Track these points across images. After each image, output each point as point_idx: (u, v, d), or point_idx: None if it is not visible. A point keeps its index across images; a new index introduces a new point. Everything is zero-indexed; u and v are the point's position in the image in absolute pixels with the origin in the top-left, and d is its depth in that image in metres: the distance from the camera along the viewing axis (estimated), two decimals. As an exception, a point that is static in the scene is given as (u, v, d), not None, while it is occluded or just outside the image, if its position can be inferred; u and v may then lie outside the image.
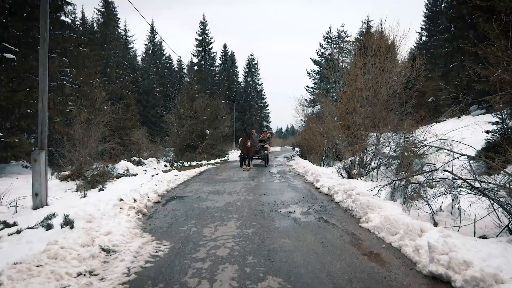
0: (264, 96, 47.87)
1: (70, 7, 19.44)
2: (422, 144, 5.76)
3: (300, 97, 37.76)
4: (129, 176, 9.91)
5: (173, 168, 14.67)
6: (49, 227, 3.75)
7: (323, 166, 13.08)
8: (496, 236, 3.76)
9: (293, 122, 25.13)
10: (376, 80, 8.56)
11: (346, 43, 34.00)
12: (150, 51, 41.93)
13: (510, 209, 3.72)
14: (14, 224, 4.34)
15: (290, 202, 5.97)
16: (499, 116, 7.12)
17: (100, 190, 7.91)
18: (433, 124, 7.65)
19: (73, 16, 25.35)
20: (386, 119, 8.37)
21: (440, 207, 4.66)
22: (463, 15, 17.88)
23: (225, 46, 45.18)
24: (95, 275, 2.74)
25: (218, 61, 44.26)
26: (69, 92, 14.90)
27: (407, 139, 8.44)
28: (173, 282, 2.59)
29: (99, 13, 33.01)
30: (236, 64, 45.63)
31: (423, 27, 30.57)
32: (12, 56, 12.12)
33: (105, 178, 8.87)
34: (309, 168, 10.66)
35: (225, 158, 22.08)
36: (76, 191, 7.82)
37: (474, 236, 3.80)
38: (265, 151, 14.81)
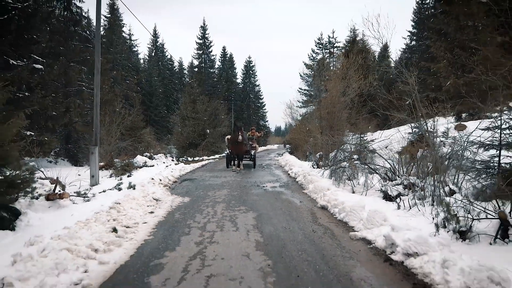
0: (261, 97, 50.64)
1: (86, 20, 22.05)
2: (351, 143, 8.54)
3: (288, 101, 42.29)
4: (148, 166, 12.68)
5: (179, 162, 17.43)
6: (119, 189, 6.52)
7: (307, 161, 15.82)
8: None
9: (287, 121, 28.06)
10: (337, 95, 11.35)
11: (336, 49, 36.88)
12: (153, 54, 44.56)
13: (382, 179, 6.52)
14: (84, 194, 7.08)
15: (266, 182, 8.77)
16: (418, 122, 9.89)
17: (128, 176, 10.61)
18: (386, 128, 10.44)
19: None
20: (343, 123, 11.17)
21: (358, 182, 7.42)
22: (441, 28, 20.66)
23: (224, 48, 47.82)
24: (155, 206, 5.53)
25: (218, 63, 46.99)
26: (87, 96, 17.58)
27: (362, 138, 11.24)
28: (195, 208, 5.39)
29: (105, 18, 35.57)
30: (234, 66, 48.28)
31: (411, 31, 33.27)
32: (40, 66, 14.70)
33: (131, 168, 11.62)
34: (289, 161, 13.47)
35: (224, 154, 24.83)
36: (110, 177, 10.52)
37: (366, 195, 6.55)
38: (253, 151, 13.36)
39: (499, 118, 4.93)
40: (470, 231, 3.67)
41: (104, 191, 6.44)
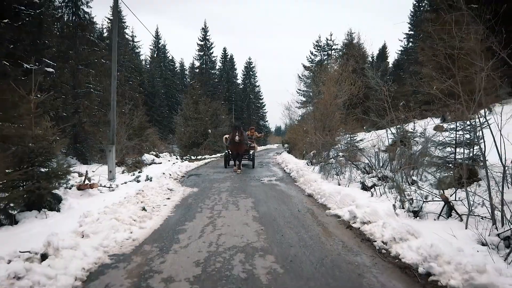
0: (261, 97, 51.75)
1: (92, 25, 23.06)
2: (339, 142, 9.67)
3: (286, 103, 43.64)
4: (156, 164, 13.84)
5: (183, 160, 18.56)
6: (138, 181, 7.66)
7: (303, 159, 16.92)
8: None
9: (286, 122, 29.11)
10: (330, 98, 12.48)
11: (333, 51, 38.04)
12: (155, 55, 45.64)
13: (362, 173, 7.64)
14: (109, 185, 8.20)
15: (263, 176, 9.91)
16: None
17: (139, 172, 11.70)
18: (375, 129, 11.54)
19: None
20: (334, 125, 12.30)
21: (344, 176, 8.55)
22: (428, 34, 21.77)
23: (224, 50, 48.92)
24: (170, 194, 6.66)
25: (219, 64, 48.06)
26: (94, 98, 18.63)
27: (351, 139, 12.36)
28: (203, 196, 6.53)
29: (109, 21, 36.59)
30: (235, 67, 49.30)
31: (408, 33, 34.38)
32: (51, 70, 15.74)
33: (141, 165, 12.77)
34: (286, 159, 14.60)
35: (225, 153, 25.96)
36: (123, 173, 11.63)
37: (349, 187, 7.66)
38: (252, 151, 13.29)
39: (454, 122, 6.09)
40: (421, 211, 4.78)
41: (125, 183, 7.59)
